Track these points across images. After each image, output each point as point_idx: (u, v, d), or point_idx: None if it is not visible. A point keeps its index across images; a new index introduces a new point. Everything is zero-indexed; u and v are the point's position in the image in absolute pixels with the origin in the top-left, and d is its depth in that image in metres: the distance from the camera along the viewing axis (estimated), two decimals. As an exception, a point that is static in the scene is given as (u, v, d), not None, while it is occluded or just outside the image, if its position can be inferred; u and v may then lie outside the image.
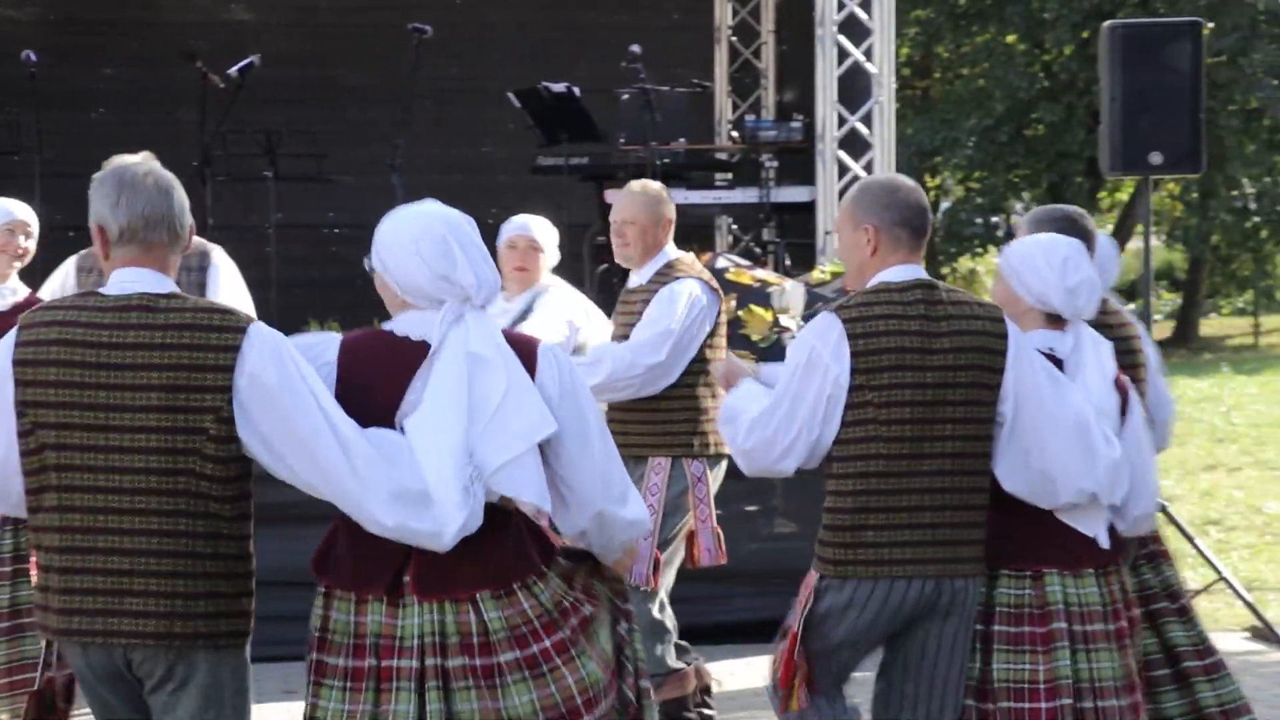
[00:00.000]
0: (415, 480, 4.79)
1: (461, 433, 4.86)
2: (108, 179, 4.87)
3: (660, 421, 7.97)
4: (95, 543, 4.70)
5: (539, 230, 8.33)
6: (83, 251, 8.19)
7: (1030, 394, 5.72)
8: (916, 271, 5.78)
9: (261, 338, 4.76)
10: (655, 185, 8.40)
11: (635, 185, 8.39)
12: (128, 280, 4.79)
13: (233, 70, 12.57)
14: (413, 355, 4.96)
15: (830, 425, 5.59)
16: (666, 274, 8.21)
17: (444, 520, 4.80)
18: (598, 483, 5.11)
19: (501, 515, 4.91)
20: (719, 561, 7.99)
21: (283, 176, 12.77)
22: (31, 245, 8.01)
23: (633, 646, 5.28)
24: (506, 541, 4.96)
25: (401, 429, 4.88)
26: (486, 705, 4.89)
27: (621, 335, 8.21)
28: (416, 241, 5.10)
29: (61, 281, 8.23)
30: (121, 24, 14.32)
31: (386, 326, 5.12)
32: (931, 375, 5.61)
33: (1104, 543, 5.92)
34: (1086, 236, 6.92)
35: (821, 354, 5.57)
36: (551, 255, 8.42)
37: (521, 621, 4.93)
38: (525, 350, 5.08)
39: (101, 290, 4.78)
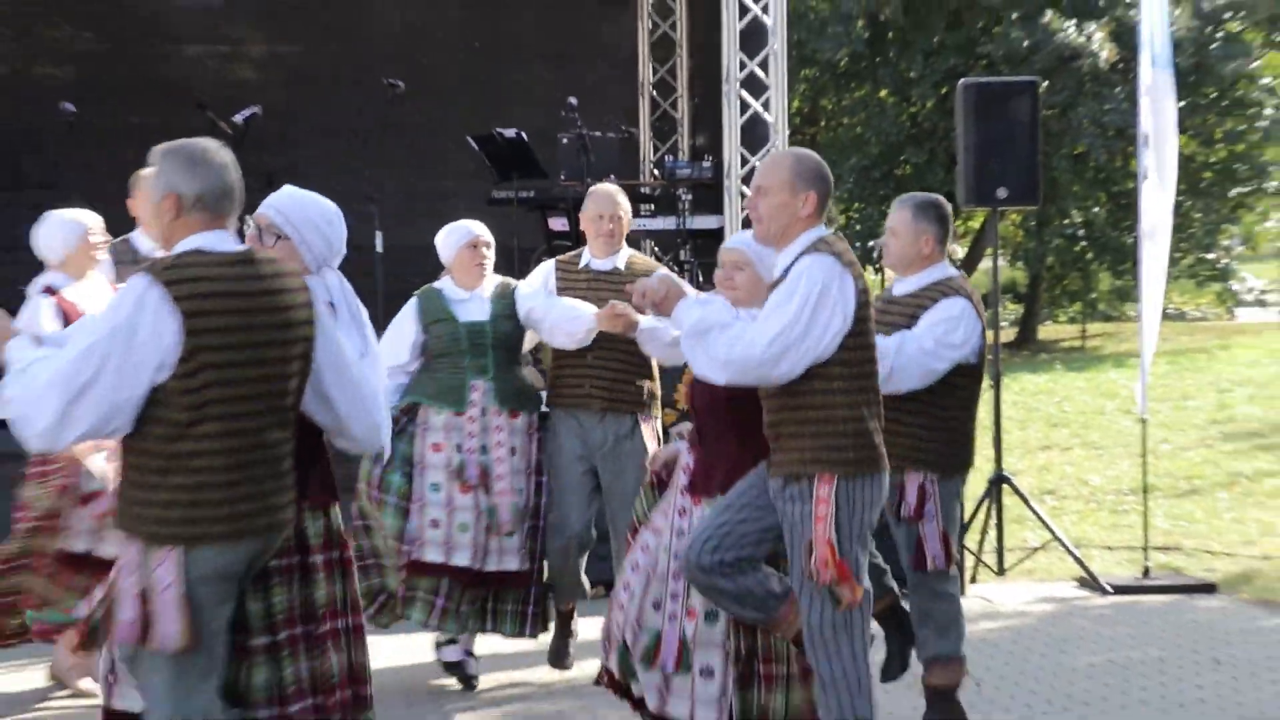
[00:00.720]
0: None
1: None
2: (179, 152, 4.87)
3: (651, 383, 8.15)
4: (256, 455, 4.77)
5: (487, 231, 8.26)
6: (111, 243, 8.08)
7: None
8: None
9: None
10: None
11: (614, 188, 8.39)
12: (219, 240, 4.83)
13: (238, 118, 12.50)
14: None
15: (829, 348, 5.64)
16: (641, 262, 8.39)
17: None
18: None
19: None
20: None
21: (280, 208, 12.69)
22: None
23: None
24: None
25: None
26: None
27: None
28: (335, 216, 5.46)
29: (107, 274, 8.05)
30: (146, 81, 14.28)
31: None
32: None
33: None
34: (946, 218, 7.05)
35: (831, 289, 5.60)
36: None
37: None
38: None
39: (203, 249, 4.77)
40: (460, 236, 8.07)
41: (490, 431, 7.87)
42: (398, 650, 8.59)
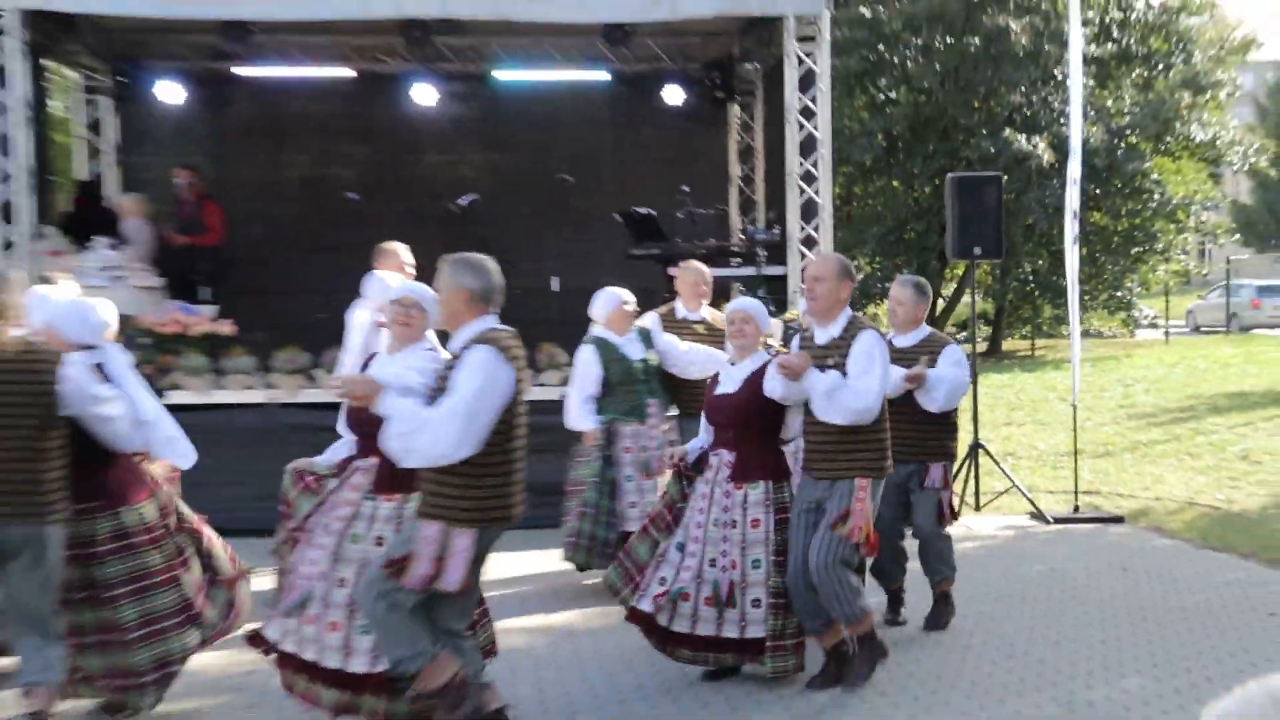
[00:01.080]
0: None
1: None
2: (465, 261, 4.91)
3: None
4: (521, 464, 4.85)
5: (630, 293, 8.23)
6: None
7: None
8: None
9: None
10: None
11: (702, 265, 8.42)
12: (495, 321, 4.89)
13: (462, 201, 12.59)
14: None
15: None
16: (714, 315, 8.39)
17: None
18: None
19: None
20: None
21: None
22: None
23: None
24: None
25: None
26: None
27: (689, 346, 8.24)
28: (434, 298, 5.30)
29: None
30: (402, 178, 14.41)
31: None
32: None
33: None
34: (929, 293, 7.13)
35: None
36: None
37: None
38: None
39: (495, 327, 4.85)
40: (614, 300, 8.11)
41: (663, 434, 7.98)
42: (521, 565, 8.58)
